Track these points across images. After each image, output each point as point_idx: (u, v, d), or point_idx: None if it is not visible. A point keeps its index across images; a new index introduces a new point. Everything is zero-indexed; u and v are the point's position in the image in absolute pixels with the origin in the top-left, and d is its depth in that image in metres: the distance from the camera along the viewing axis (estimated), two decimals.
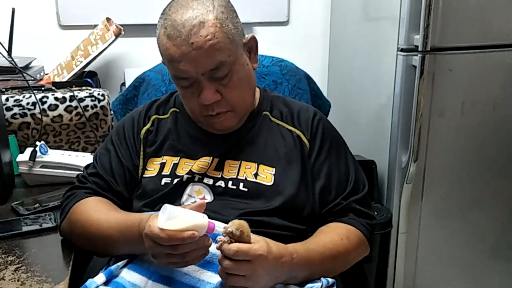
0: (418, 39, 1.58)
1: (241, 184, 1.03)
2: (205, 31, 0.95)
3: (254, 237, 0.86)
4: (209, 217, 0.85)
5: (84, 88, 1.61)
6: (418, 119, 1.63)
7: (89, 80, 1.75)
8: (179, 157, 1.08)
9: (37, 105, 1.50)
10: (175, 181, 1.04)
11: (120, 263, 0.95)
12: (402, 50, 1.64)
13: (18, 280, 0.93)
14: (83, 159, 1.40)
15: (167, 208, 0.81)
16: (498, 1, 1.62)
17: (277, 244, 0.90)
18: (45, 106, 1.51)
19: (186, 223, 0.80)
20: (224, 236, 0.83)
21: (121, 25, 1.83)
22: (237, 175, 1.04)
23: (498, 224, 1.84)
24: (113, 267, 0.94)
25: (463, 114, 1.69)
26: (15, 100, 1.50)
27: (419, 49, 1.58)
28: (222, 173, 1.05)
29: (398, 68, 1.66)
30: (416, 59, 1.60)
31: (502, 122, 1.74)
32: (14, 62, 1.59)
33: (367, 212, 1.09)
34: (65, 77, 1.82)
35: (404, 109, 1.67)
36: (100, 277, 0.92)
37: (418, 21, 1.57)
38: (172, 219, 0.80)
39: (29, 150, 1.39)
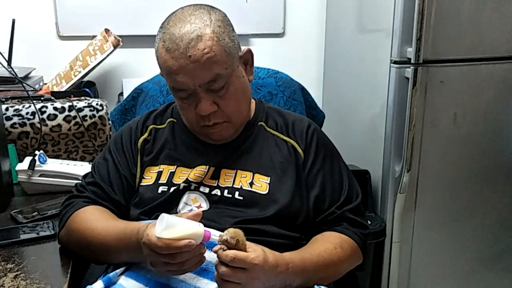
0: (410, 52, 1.62)
1: (237, 193, 1.05)
2: (202, 44, 0.98)
3: (251, 245, 0.87)
4: (205, 225, 0.86)
5: (82, 98, 1.63)
6: (411, 130, 1.66)
7: (87, 90, 1.77)
8: (175, 166, 1.10)
9: (36, 115, 1.52)
10: (172, 189, 1.06)
11: (118, 270, 0.96)
12: (395, 62, 1.67)
13: (17, 287, 0.94)
14: (82, 168, 1.41)
15: (164, 217, 0.82)
16: (489, 15, 1.66)
17: (274, 253, 0.91)
18: (44, 116, 1.53)
19: (183, 232, 0.82)
20: (220, 245, 0.85)
21: (119, 36, 1.85)
22: (233, 183, 1.06)
23: (490, 233, 1.87)
24: (111, 274, 0.95)
25: (455, 125, 1.72)
26: (14, 110, 1.52)
27: (412, 61, 1.61)
28: (218, 181, 1.07)
29: (391, 79, 1.69)
30: (408, 71, 1.63)
31: (493, 132, 1.77)
32: (14, 72, 1.61)
33: (360, 222, 1.11)
34: (64, 87, 1.84)
35: (397, 119, 1.69)
36: (99, 284, 0.93)
37: (410, 34, 1.60)
38: (169, 228, 0.82)
39: (28, 159, 1.41)
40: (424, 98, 1.66)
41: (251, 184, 1.06)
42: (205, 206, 1.05)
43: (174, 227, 0.82)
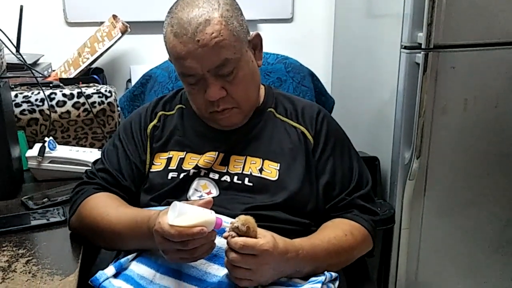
0: (421, 37, 1.59)
1: (246, 179, 1.05)
2: (210, 28, 0.97)
3: (261, 231, 0.87)
4: (215, 211, 0.87)
5: (91, 84, 1.63)
6: (421, 116, 1.64)
7: (95, 76, 1.77)
8: (185, 152, 1.10)
9: (45, 102, 1.52)
10: (182, 175, 1.06)
11: (130, 256, 0.97)
12: (405, 47, 1.65)
13: (29, 272, 0.95)
14: (91, 154, 1.42)
15: (176, 205, 0.83)
16: None
17: (284, 240, 0.91)
18: (53, 103, 1.53)
19: (195, 220, 0.82)
20: (231, 231, 0.85)
21: (127, 22, 1.84)
22: (243, 170, 1.06)
23: (500, 221, 1.86)
24: (123, 260, 0.96)
25: (465, 111, 1.70)
26: (24, 97, 1.52)
27: (423, 46, 1.59)
28: (228, 168, 1.07)
29: (402, 65, 1.67)
30: (419, 57, 1.61)
31: (505, 119, 1.75)
32: (23, 58, 1.61)
33: (371, 208, 1.10)
34: (72, 73, 1.83)
35: (407, 106, 1.68)
36: (110, 269, 0.93)
37: (421, 18, 1.57)
38: (182, 215, 0.82)
39: (37, 146, 1.41)
40: (434, 84, 1.64)
41: (261, 170, 1.06)
42: (215, 192, 1.05)
43: (187, 214, 0.83)
